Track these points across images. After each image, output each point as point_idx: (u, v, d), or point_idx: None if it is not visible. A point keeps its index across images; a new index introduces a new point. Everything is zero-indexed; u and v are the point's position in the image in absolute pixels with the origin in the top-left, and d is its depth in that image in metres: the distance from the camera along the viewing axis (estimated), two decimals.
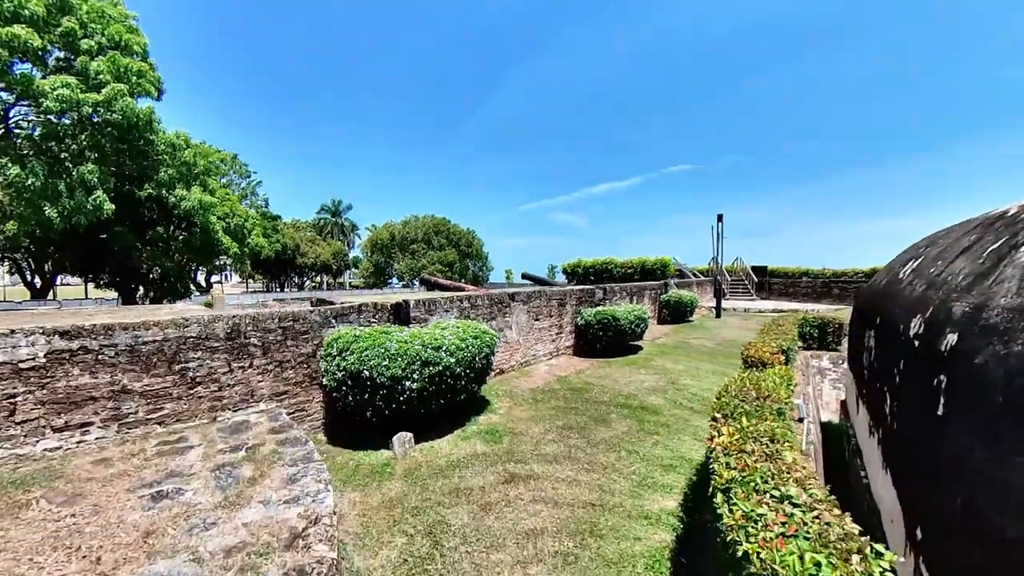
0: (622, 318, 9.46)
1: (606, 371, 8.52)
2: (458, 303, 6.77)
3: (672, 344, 11.91)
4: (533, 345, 8.42)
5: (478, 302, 7.07)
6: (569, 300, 9.46)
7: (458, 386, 5.04)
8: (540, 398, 6.66)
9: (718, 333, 14.19)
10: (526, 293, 8.06)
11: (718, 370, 9.11)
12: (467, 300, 6.93)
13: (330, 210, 73.92)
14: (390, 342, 4.60)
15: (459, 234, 39.64)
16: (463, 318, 6.82)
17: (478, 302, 7.07)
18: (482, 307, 7.16)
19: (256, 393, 4.69)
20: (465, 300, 6.90)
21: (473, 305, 7.01)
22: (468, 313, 6.92)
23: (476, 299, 7.06)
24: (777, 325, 9.29)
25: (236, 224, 25.74)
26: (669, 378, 8.27)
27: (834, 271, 27.18)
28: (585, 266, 19.78)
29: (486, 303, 7.23)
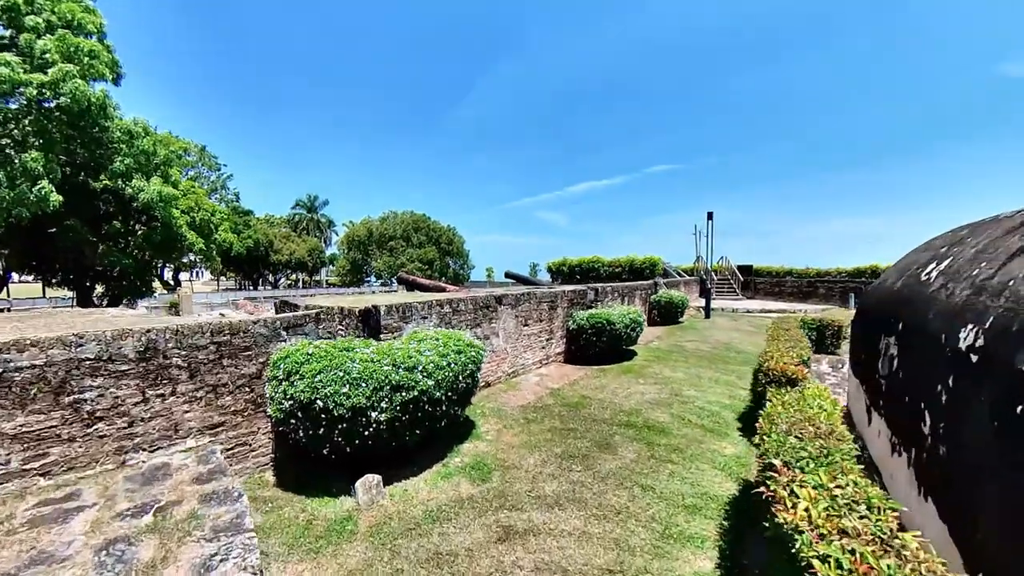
0: (617, 322, 8.69)
1: (602, 381, 7.73)
2: (438, 308, 5.86)
3: (666, 348, 11.22)
4: (522, 353, 7.57)
5: (461, 306, 6.18)
6: (560, 302, 8.64)
7: (438, 413, 4.15)
8: (532, 417, 5.82)
9: (711, 335, 13.59)
10: (514, 296, 7.21)
11: (720, 378, 8.42)
12: (448, 304, 6.03)
13: (306, 205, 71.71)
14: (351, 362, 3.68)
15: (439, 231, 38.55)
16: (444, 326, 5.92)
17: (461, 306, 6.18)
18: (465, 312, 6.27)
19: (182, 427, 3.71)
20: (446, 305, 6.00)
21: (455, 310, 6.11)
22: (450, 320, 6.02)
23: (458, 303, 6.16)
24: (784, 330, 8.66)
25: (202, 218, 24.22)
26: (671, 389, 7.53)
27: (818, 270, 27.09)
28: (571, 265, 19.03)
29: (470, 308, 6.34)
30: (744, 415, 6.42)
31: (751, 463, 4.89)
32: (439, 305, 5.89)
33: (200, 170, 48.97)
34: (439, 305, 5.89)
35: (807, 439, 3.00)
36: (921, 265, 4.67)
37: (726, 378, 8.54)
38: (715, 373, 8.87)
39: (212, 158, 48.90)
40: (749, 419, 6.24)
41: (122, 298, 23.65)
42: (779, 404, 3.74)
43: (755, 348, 12.00)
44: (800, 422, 3.27)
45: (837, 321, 11.46)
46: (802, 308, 21.31)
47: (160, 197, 19.10)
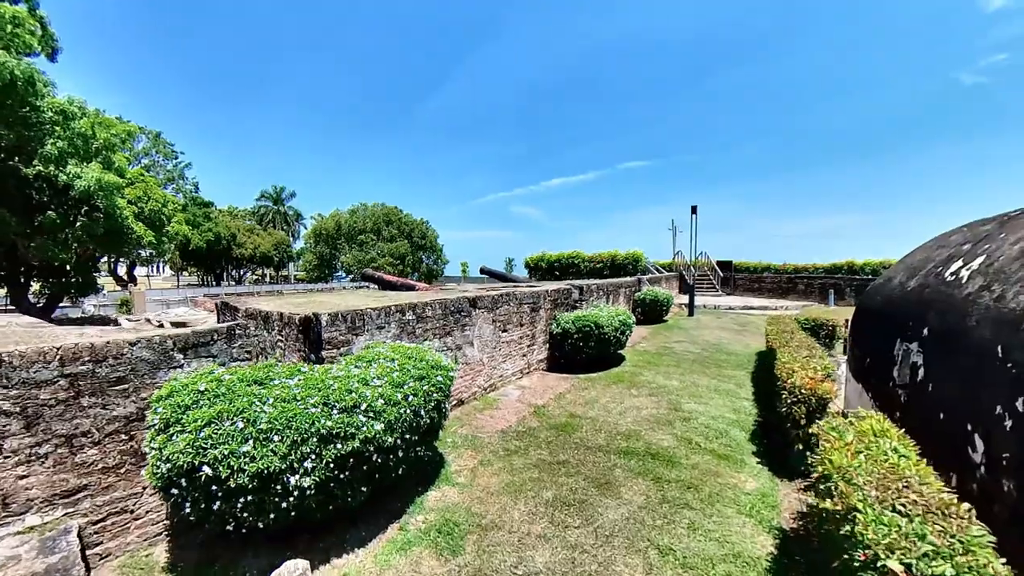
0: (606, 325, 7.77)
1: (592, 394, 6.80)
2: (398, 315, 4.79)
3: (655, 351, 10.40)
4: (500, 364, 6.56)
5: (427, 312, 5.11)
6: (543, 303, 7.66)
7: (391, 462, 3.10)
8: (515, 447, 4.81)
9: (698, 335, 12.88)
10: (491, 298, 6.18)
11: (719, 387, 7.61)
12: (411, 310, 4.95)
13: (271, 197, 68.80)
14: (261, 404, 2.59)
15: (411, 224, 37.10)
16: (405, 337, 4.85)
17: (427, 312, 5.11)
18: (432, 319, 5.21)
19: (14, 500, 2.56)
20: (409, 310, 4.92)
21: (420, 317, 5.04)
22: (413, 329, 4.95)
23: (424, 308, 5.09)
24: (787, 333, 7.91)
25: (151, 209, 22.24)
26: (669, 402, 6.66)
27: (795, 266, 26.99)
28: (550, 260, 18.10)
29: (438, 313, 5.28)
30: (754, 433, 5.58)
31: (779, 502, 4.03)
32: (400, 311, 4.81)
33: (155, 158, 46.00)
34: (400, 311, 4.81)
35: (914, 514, 2.09)
36: (940, 263, 4.38)
37: (725, 386, 7.74)
38: (711, 380, 8.06)
39: (168, 145, 45.99)
40: (762, 439, 5.41)
41: (61, 296, 21.59)
42: (841, 446, 2.86)
43: (745, 349, 11.35)
44: (890, 481, 2.37)
45: (832, 321, 10.87)
46: (783, 304, 20.99)
47: (99, 185, 17.20)
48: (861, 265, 24.85)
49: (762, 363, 9.75)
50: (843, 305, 21.20)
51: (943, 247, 5.11)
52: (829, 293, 21.14)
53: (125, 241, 21.84)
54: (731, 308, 19.65)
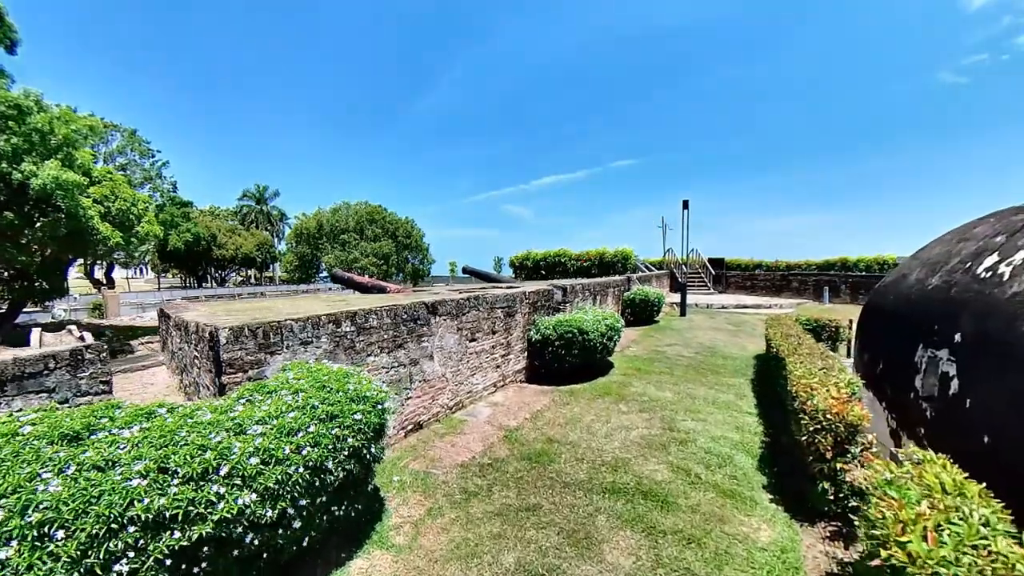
0: (591, 330, 6.92)
1: (574, 410, 5.94)
2: (331, 327, 3.88)
3: (646, 356, 9.58)
4: (468, 378, 5.67)
5: (371, 321, 4.21)
6: (520, 307, 6.78)
7: (278, 542, 2.20)
8: (475, 487, 3.93)
9: (692, 337, 12.10)
10: (454, 302, 5.28)
11: (718, 399, 6.81)
12: (351, 320, 4.05)
13: (254, 196, 67.25)
14: (49, 475, 1.69)
15: (396, 223, 36.06)
16: (342, 353, 3.95)
17: (371, 321, 4.21)
18: (379, 330, 4.31)
19: None
20: (346, 321, 4.02)
21: (361, 328, 4.14)
22: (352, 343, 4.05)
23: (368, 318, 4.18)
24: (792, 337, 7.11)
25: (119, 209, 21.01)
26: (663, 419, 5.83)
27: (788, 263, 26.46)
28: (535, 259, 17.25)
29: (387, 323, 4.38)
30: (763, 459, 4.76)
31: (801, 559, 3.19)
32: (333, 321, 3.90)
33: (131, 157, 44.42)
34: (333, 321, 3.90)
35: None
36: (968, 258, 4.04)
37: (723, 397, 6.94)
38: (709, 390, 7.26)
39: (144, 143, 44.41)
40: (771, 465, 4.59)
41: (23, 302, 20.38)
42: (910, 517, 2.02)
43: (741, 352, 10.59)
44: None
45: (835, 321, 10.14)
46: (777, 302, 20.34)
47: (57, 183, 16.08)
48: (855, 261, 24.33)
49: (763, 368, 9.00)
50: (838, 302, 20.61)
51: (967, 240, 4.62)
52: (824, 290, 20.54)
53: (90, 242, 20.62)
54: (724, 307, 18.95)
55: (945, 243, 5.76)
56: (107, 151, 44.28)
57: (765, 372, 8.70)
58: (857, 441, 3.55)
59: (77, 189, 17.26)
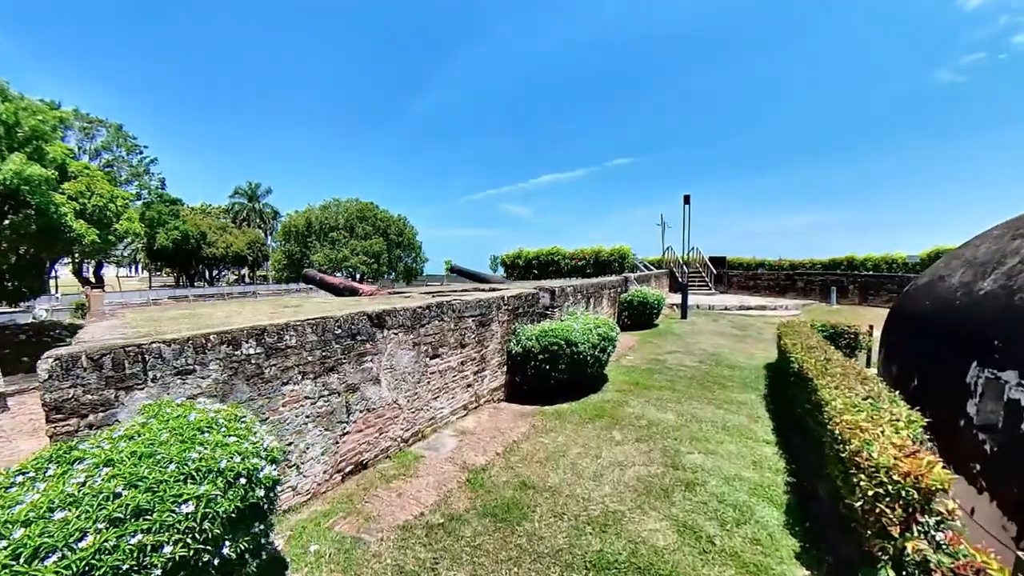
0: (581, 341, 5.94)
1: (559, 440, 4.96)
2: (225, 349, 2.89)
3: (644, 367, 8.61)
4: (429, 403, 4.68)
5: (287, 340, 3.21)
6: (496, 314, 5.79)
7: None
8: (415, 564, 2.95)
9: (694, 343, 11.14)
10: (409, 312, 4.28)
11: (728, 422, 5.85)
12: (256, 339, 3.05)
13: (246, 194, 66.23)
14: None
15: (388, 221, 35.02)
16: (241, 384, 2.96)
17: (287, 340, 3.21)
18: (300, 349, 3.31)
19: None
20: (249, 341, 3.02)
21: (273, 349, 3.14)
22: (259, 369, 3.06)
23: (283, 334, 3.19)
24: (817, 350, 6.15)
25: (96, 205, 19.97)
26: (664, 451, 4.87)
27: (791, 262, 25.52)
28: (527, 257, 16.26)
29: (311, 341, 3.38)
30: (791, 510, 3.79)
31: None
32: (229, 342, 2.90)
33: (117, 153, 43.34)
34: (229, 342, 2.90)
35: None
36: None
37: (734, 419, 5.98)
38: (717, 410, 6.30)
39: (130, 139, 43.31)
40: (802, 519, 3.62)
41: None
42: None
43: (749, 361, 9.64)
44: None
45: (853, 328, 9.18)
46: (782, 303, 19.39)
47: (21, 178, 15.09)
48: (862, 260, 23.36)
49: (775, 380, 8.06)
50: (846, 304, 19.67)
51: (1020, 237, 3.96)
52: (831, 291, 19.60)
53: (63, 240, 19.55)
54: (727, 309, 17.99)
55: (994, 240, 4.81)
56: (92, 147, 43.14)
57: (778, 384, 7.77)
58: (933, 510, 2.60)
59: (46, 184, 16.25)
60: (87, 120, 40.19)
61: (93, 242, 19.58)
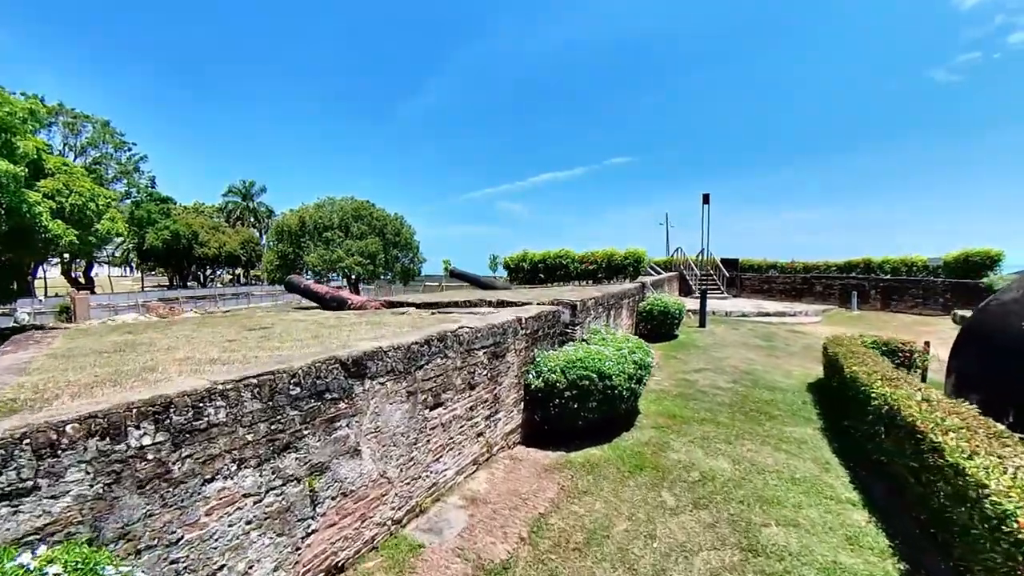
0: (615, 373, 4.82)
1: (596, 508, 3.85)
2: (97, 444, 1.76)
3: (675, 391, 7.51)
4: (429, 466, 3.55)
5: (209, 415, 2.08)
6: (512, 342, 4.65)
7: None
8: None
9: (722, 358, 10.03)
10: (403, 351, 3.10)
11: (795, 469, 4.79)
12: (156, 420, 1.92)
13: (240, 192, 64.88)
14: None
15: (384, 220, 33.69)
16: (119, 500, 1.83)
17: (209, 415, 2.08)
18: (232, 429, 2.18)
19: None
20: (146, 422, 1.89)
21: (185, 434, 2.00)
22: (162, 467, 1.93)
23: (203, 408, 2.06)
24: (907, 383, 5.05)
25: (74, 204, 18.69)
26: (733, 524, 3.77)
27: (805, 264, 24.45)
28: (534, 260, 15.14)
29: (251, 411, 2.24)
30: None
31: None
32: (106, 431, 1.75)
33: (104, 150, 41.96)
34: (106, 431, 1.75)
35: None
36: None
37: (801, 466, 4.91)
38: (776, 453, 5.23)
39: (118, 135, 41.92)
40: None
41: None
42: None
43: (787, 379, 8.58)
44: None
45: (908, 344, 8.09)
46: (800, 308, 18.32)
47: None
48: (880, 262, 22.29)
49: (824, 405, 7.04)
50: (867, 309, 18.60)
51: None
52: (852, 295, 18.54)
53: (38, 241, 18.30)
54: (745, 315, 16.89)
55: None
56: (79, 144, 41.72)
57: (830, 411, 6.74)
58: None
59: (15, 182, 15.05)
60: (71, 115, 38.80)
61: (72, 243, 18.33)
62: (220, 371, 2.42)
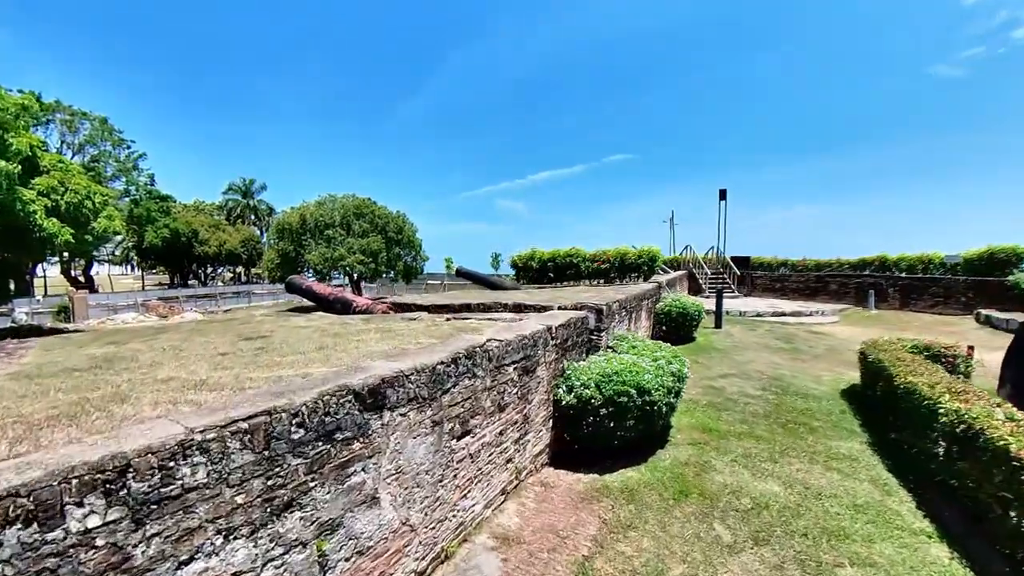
0: (654, 387, 4.31)
1: (644, 547, 3.34)
2: (7, 537, 1.25)
3: (704, 400, 7.00)
4: (456, 504, 3.04)
5: (185, 476, 1.57)
6: (543, 354, 4.13)
7: None
8: None
9: (745, 362, 9.52)
10: (427, 373, 2.59)
11: (858, 496, 4.30)
12: (106, 491, 1.41)
13: (240, 190, 64.37)
14: None
15: (386, 217, 33.08)
16: None
17: (185, 476, 1.57)
18: (211, 493, 1.67)
19: None
20: (95, 496, 1.38)
21: (150, 506, 1.51)
22: (120, 555, 1.44)
23: (175, 467, 1.55)
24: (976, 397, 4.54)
25: (70, 202, 18.16)
26: (802, 566, 3.28)
27: (816, 261, 23.91)
28: (542, 259, 14.63)
29: (241, 467, 1.73)
30: None
31: None
32: (35, 517, 1.26)
33: (103, 147, 41.36)
34: (35, 517, 1.26)
35: None
36: None
37: (860, 489, 4.43)
38: (829, 473, 4.74)
39: (116, 133, 41.30)
40: None
41: None
42: None
43: (818, 385, 8.09)
44: None
45: (952, 348, 7.58)
46: (816, 308, 17.79)
47: None
48: (895, 260, 21.72)
49: (865, 414, 6.57)
50: (885, 308, 18.05)
51: None
52: (869, 294, 18.01)
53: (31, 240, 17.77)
54: (760, 315, 16.38)
55: None
56: (77, 142, 41.13)
57: (873, 420, 6.28)
58: None
59: (8, 179, 14.53)
60: (69, 112, 38.23)
61: (67, 242, 17.81)
62: (204, 407, 1.91)
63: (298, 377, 2.72)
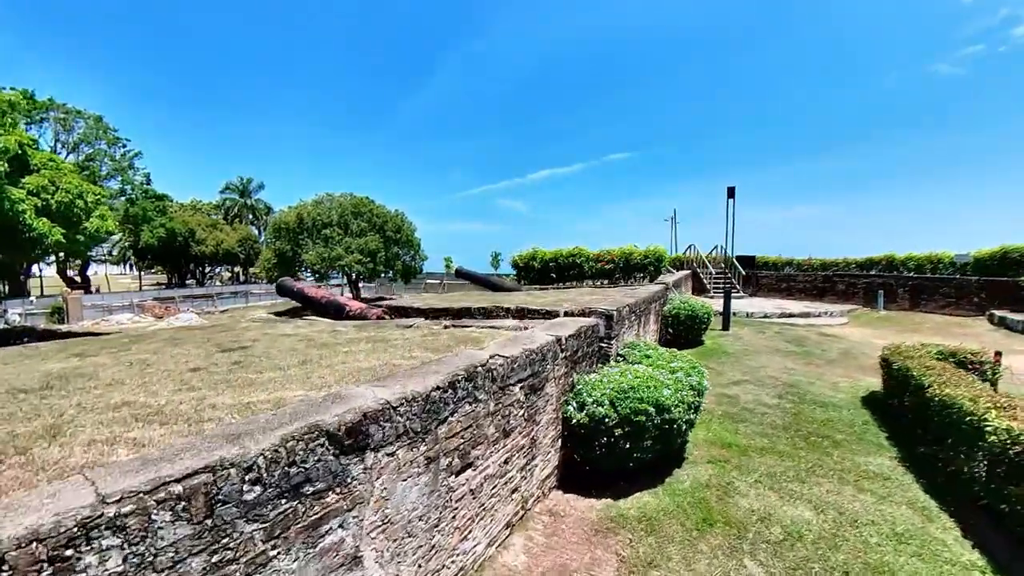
0: (673, 404, 3.91)
1: None
2: None
3: (719, 411, 6.60)
4: (455, 547, 2.65)
5: (86, 566, 1.18)
6: (552, 369, 3.73)
7: None
8: None
9: (757, 367, 9.12)
10: (420, 401, 2.19)
11: (897, 522, 3.92)
12: None
13: (237, 189, 63.93)
14: None
15: (384, 216, 32.62)
16: None
17: (86, 566, 1.18)
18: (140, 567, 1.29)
19: None
20: None
21: None
22: None
23: (76, 558, 1.16)
24: (996, 401, 4.14)
25: (61, 201, 17.74)
26: None
27: (822, 261, 23.49)
28: (544, 258, 14.21)
29: (169, 539, 1.35)
30: None
31: None
32: None
33: (98, 146, 40.86)
34: None
35: None
36: None
37: (898, 514, 4.03)
38: (862, 495, 4.35)
39: (111, 131, 40.80)
40: None
41: None
42: None
43: (835, 392, 7.70)
44: None
45: (980, 354, 7.18)
46: (823, 308, 17.38)
47: None
48: (903, 259, 21.28)
49: (892, 427, 6.19)
50: (895, 309, 17.64)
51: None
52: (878, 294, 17.61)
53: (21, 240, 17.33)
54: (767, 316, 15.97)
55: None
56: (72, 140, 40.63)
57: (898, 432, 5.91)
58: None
59: None
60: (64, 111, 37.75)
61: (58, 242, 17.41)
62: (136, 458, 1.50)
63: (269, 405, 2.31)
